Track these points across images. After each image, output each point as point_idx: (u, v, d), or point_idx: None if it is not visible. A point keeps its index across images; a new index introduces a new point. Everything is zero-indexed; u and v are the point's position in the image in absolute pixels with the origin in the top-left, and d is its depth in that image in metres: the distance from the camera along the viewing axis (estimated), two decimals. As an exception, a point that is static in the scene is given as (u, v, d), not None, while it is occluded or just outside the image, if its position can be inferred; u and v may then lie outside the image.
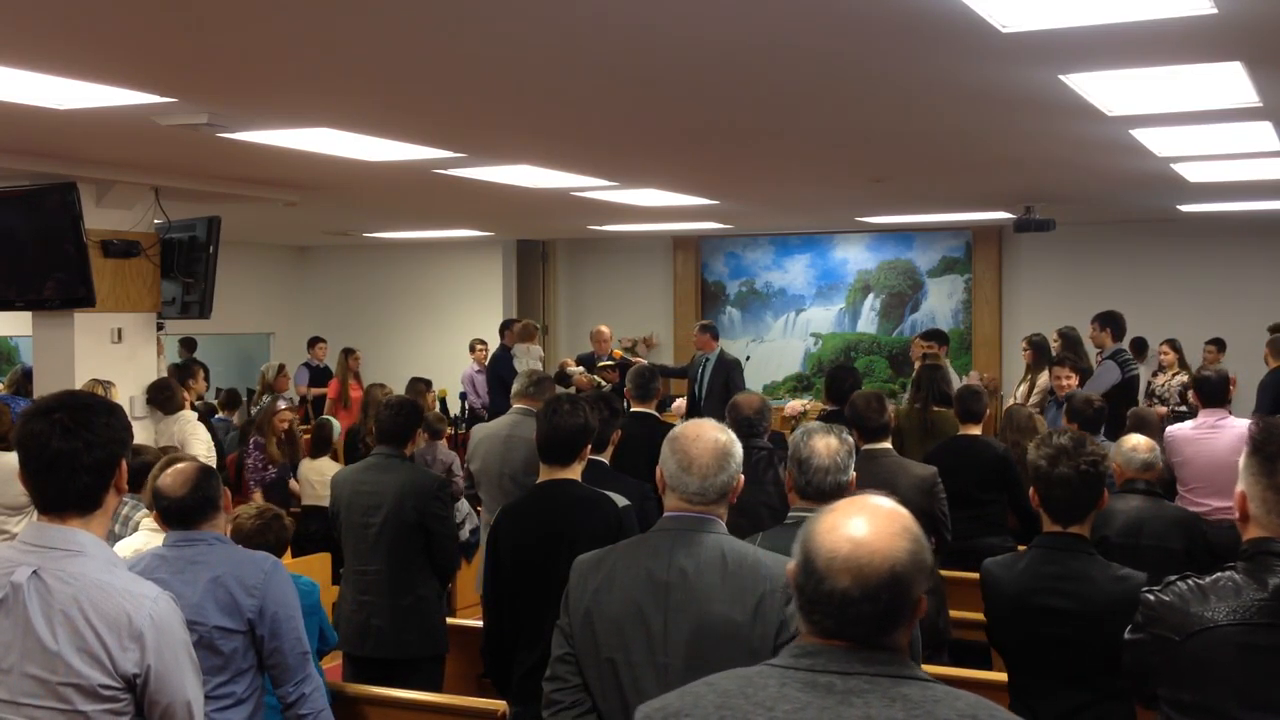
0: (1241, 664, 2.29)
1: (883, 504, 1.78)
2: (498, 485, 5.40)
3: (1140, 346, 10.72)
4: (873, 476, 4.73)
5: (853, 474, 3.38)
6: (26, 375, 8.35)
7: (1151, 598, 2.45)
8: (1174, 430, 6.20)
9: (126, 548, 3.96)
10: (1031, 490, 3.28)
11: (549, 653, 2.76)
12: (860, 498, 1.80)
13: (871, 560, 1.69)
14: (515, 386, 5.81)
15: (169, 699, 2.30)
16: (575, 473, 3.79)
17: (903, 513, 1.78)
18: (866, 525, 1.72)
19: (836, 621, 1.70)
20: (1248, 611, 2.30)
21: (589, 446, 3.86)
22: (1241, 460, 2.42)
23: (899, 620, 1.71)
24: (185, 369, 8.26)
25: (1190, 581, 2.42)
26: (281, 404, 8.07)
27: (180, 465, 3.38)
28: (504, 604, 3.74)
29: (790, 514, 3.36)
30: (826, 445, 3.31)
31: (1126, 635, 2.53)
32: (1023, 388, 8.93)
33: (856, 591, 1.68)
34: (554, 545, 3.56)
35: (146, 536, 3.94)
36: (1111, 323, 8.26)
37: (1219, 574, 2.40)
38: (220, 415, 9.93)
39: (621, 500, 3.79)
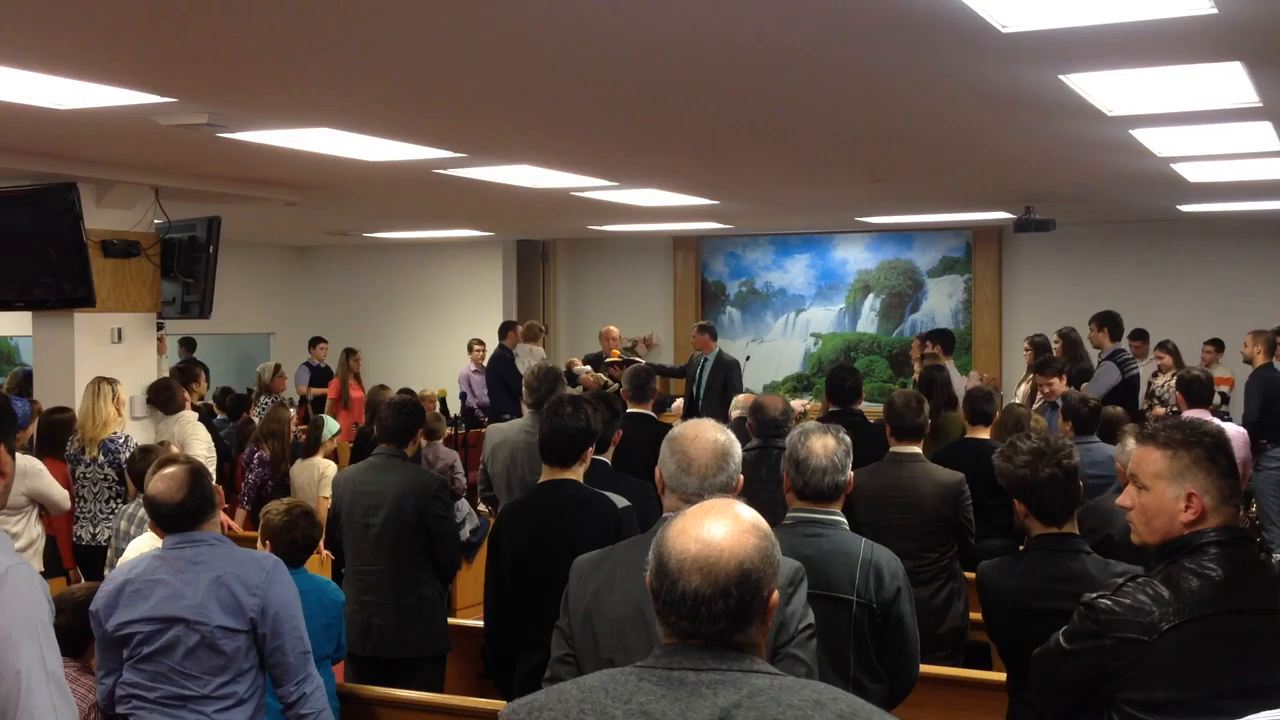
0: (1212, 654, 2.33)
1: (732, 506, 1.84)
2: (520, 487, 5.20)
3: (1141, 337, 10.68)
4: (896, 480, 4.69)
5: (850, 474, 3.37)
6: (27, 377, 8.33)
7: (1107, 603, 2.42)
8: None
9: (136, 547, 3.96)
10: (1016, 502, 3.25)
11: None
12: (710, 502, 1.86)
13: (720, 558, 1.75)
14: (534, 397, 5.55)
15: None
16: (577, 474, 3.79)
17: (752, 513, 1.84)
18: (715, 526, 1.78)
19: (691, 621, 1.75)
20: (1209, 603, 2.34)
21: (591, 449, 3.85)
22: (1164, 464, 2.44)
23: (751, 617, 1.76)
24: (187, 370, 8.25)
25: (1140, 580, 2.44)
26: (291, 409, 8.02)
27: (168, 471, 3.33)
28: (505, 604, 3.74)
29: (788, 515, 3.35)
30: (824, 446, 3.29)
31: (1068, 645, 2.49)
32: (1024, 387, 8.92)
33: (708, 589, 1.74)
34: (554, 546, 3.56)
35: (155, 536, 3.92)
36: (1110, 323, 8.26)
37: (1164, 572, 2.42)
38: (220, 416, 9.92)
39: (621, 501, 3.80)
